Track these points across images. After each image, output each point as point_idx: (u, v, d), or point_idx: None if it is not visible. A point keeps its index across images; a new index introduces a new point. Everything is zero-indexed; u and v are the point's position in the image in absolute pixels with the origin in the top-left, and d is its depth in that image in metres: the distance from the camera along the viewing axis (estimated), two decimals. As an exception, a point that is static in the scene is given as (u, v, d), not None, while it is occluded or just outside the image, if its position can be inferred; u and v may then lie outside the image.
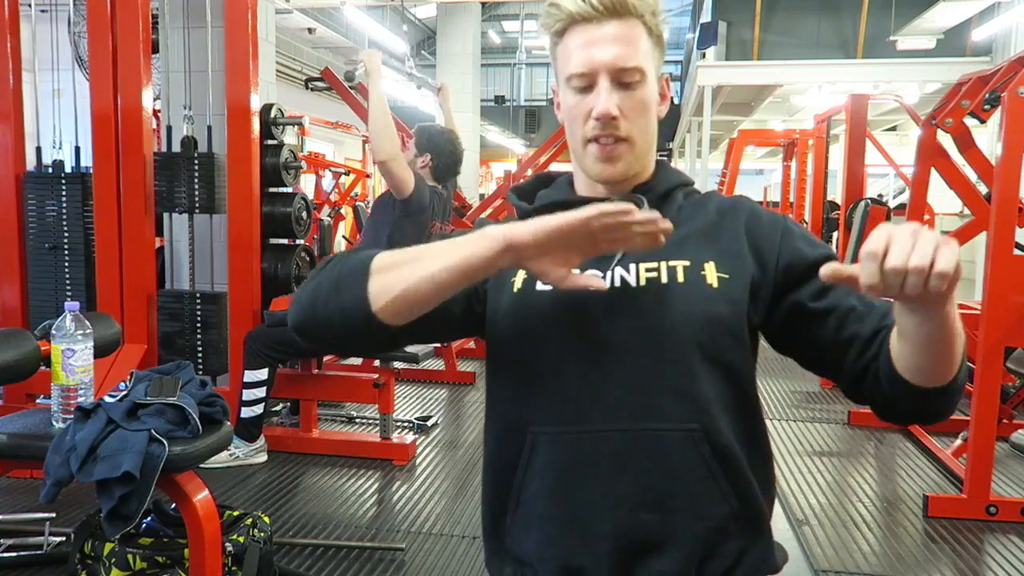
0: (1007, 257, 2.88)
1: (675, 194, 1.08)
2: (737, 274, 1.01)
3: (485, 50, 14.95)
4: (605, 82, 1.00)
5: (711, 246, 1.03)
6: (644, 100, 1.02)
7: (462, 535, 2.75)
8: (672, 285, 0.99)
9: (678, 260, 1.01)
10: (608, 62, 0.99)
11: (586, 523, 0.99)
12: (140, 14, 3.22)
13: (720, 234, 1.04)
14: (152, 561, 2.06)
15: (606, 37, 0.99)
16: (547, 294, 1.02)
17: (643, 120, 1.03)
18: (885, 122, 14.21)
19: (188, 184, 3.49)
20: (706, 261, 1.01)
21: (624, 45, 0.99)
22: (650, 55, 1.02)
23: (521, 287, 1.04)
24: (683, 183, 1.10)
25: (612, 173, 1.04)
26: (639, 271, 1.01)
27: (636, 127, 1.02)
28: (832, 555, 2.68)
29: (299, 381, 3.65)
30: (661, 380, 0.98)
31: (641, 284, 1.00)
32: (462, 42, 12.41)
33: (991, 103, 3.29)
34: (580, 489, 0.99)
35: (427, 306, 0.96)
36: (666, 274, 1.00)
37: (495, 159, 17.39)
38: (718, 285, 1.00)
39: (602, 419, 0.98)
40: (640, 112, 1.02)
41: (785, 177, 8.08)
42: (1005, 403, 3.27)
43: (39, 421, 1.98)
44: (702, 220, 1.06)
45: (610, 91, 1.00)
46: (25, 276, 3.43)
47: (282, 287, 3.63)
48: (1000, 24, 8.72)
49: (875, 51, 10.20)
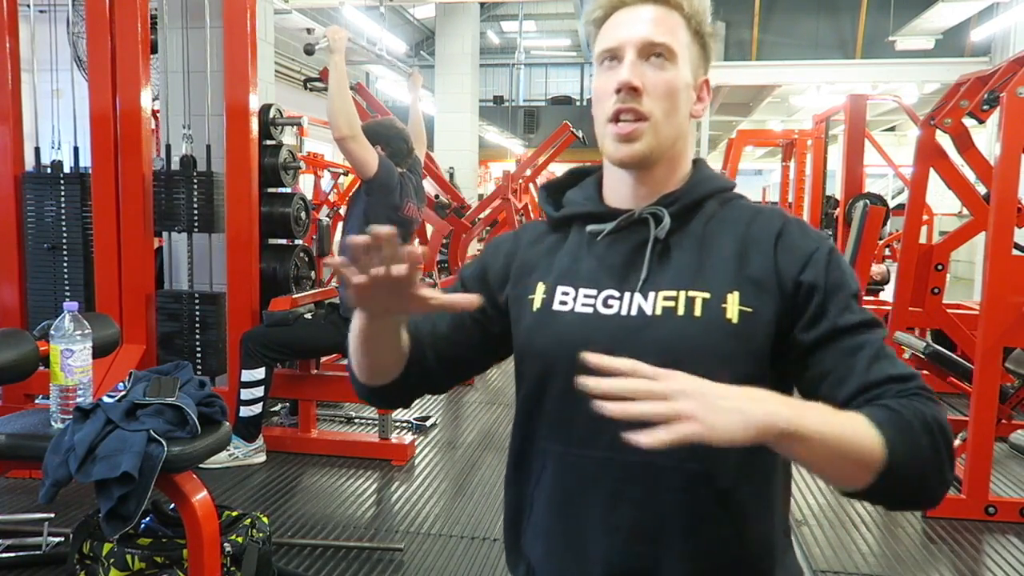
0: (1006, 257, 2.88)
1: (706, 205, 1.02)
2: (761, 307, 0.95)
3: (484, 50, 14.94)
4: (631, 55, 0.97)
5: (738, 271, 0.96)
6: (671, 81, 0.98)
7: (461, 535, 2.75)
8: (688, 318, 0.95)
9: (698, 291, 0.95)
10: (636, 37, 0.97)
11: (582, 545, 1.00)
12: (139, 14, 3.22)
13: (750, 255, 0.97)
14: (151, 561, 2.06)
15: (640, 17, 0.98)
16: (563, 315, 1.01)
17: (668, 103, 0.98)
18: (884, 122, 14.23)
19: (187, 203, 3.50)
20: (729, 291, 0.95)
21: (657, 25, 0.98)
22: (687, 47, 1.00)
23: (540, 306, 1.03)
24: (720, 189, 1.03)
25: (630, 153, 0.98)
26: (657, 300, 0.96)
27: (660, 107, 0.97)
28: (831, 555, 2.68)
29: (298, 381, 3.65)
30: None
31: (657, 314, 0.96)
32: (461, 42, 12.40)
33: (990, 103, 3.29)
34: (579, 510, 0.99)
35: (379, 356, 1.03)
36: (684, 306, 0.95)
37: (494, 159, 17.38)
38: (738, 320, 0.94)
39: (605, 447, 0.96)
40: (665, 93, 0.98)
41: (784, 177, 8.07)
42: (1004, 403, 3.27)
43: (38, 421, 1.98)
44: (732, 237, 0.99)
45: (635, 63, 0.97)
46: (24, 276, 3.43)
47: (281, 287, 3.63)
48: (999, 24, 8.72)
49: (874, 51, 10.21)
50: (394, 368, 1.05)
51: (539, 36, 21.15)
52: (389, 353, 1.03)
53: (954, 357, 3.65)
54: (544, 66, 22.48)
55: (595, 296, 1.00)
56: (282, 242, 3.78)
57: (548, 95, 20.82)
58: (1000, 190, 2.88)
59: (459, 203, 6.94)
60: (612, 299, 0.99)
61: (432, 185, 6.56)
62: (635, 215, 1.01)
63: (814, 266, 0.96)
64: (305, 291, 3.70)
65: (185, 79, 3.74)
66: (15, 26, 3.36)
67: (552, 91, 21.23)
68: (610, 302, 0.99)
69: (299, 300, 3.54)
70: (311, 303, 3.67)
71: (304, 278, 3.80)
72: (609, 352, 0.95)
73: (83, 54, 3.60)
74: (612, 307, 0.99)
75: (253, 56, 3.45)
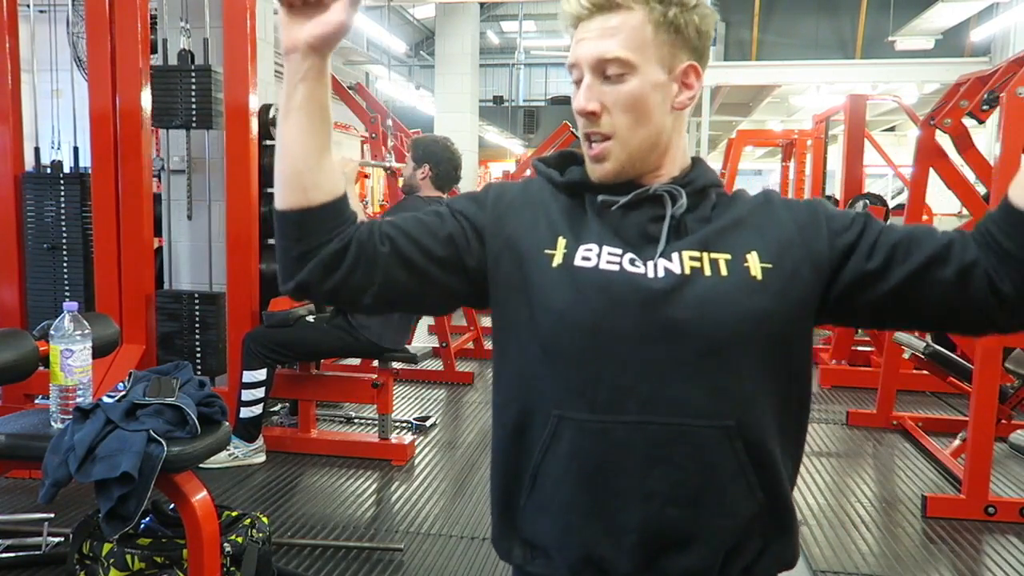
0: (1005, 257, 2.87)
1: (710, 191, 1.04)
2: (783, 262, 0.97)
3: (484, 50, 14.93)
4: (588, 77, 0.97)
5: (752, 236, 0.99)
6: (631, 94, 0.97)
7: (461, 535, 2.75)
8: (715, 278, 0.96)
9: (719, 253, 0.97)
10: (587, 56, 0.97)
11: (611, 514, 0.97)
12: (139, 14, 3.22)
13: (763, 223, 1.01)
14: (150, 561, 2.06)
15: (592, 32, 0.97)
16: (587, 271, 0.98)
17: (631, 115, 0.97)
18: (883, 122, 14.23)
19: (184, 98, 3.45)
20: (748, 252, 0.98)
21: (606, 38, 0.96)
22: (650, 44, 0.97)
23: (561, 261, 0.99)
24: (717, 183, 1.06)
25: (600, 173, 1.00)
26: (683, 259, 0.97)
27: (623, 122, 0.97)
28: (831, 555, 2.68)
29: (298, 381, 3.65)
30: (700, 375, 0.95)
31: (686, 273, 0.96)
32: (461, 42, 12.39)
33: (990, 103, 3.29)
34: (609, 480, 0.96)
35: (307, 160, 0.96)
36: (709, 267, 0.97)
37: (493, 159, 17.39)
38: (762, 277, 0.96)
39: (638, 411, 0.94)
40: (627, 107, 0.97)
41: (784, 177, 8.08)
42: (1004, 403, 3.27)
43: (38, 421, 1.98)
44: (738, 212, 1.02)
45: (591, 86, 0.97)
46: (24, 276, 3.43)
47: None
48: (999, 24, 8.73)
49: (874, 51, 10.22)
50: (308, 173, 0.96)
51: (539, 36, 21.14)
52: (304, 131, 0.95)
53: (954, 357, 3.66)
54: (544, 66, 22.48)
55: (620, 255, 0.98)
56: (282, 242, 3.77)
57: (548, 95, 20.82)
58: (1000, 190, 2.86)
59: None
60: (636, 261, 0.98)
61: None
62: (650, 191, 1.01)
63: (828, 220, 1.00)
64: (305, 291, 3.69)
65: (185, 79, 3.73)
66: (15, 26, 3.36)
67: (552, 91, 21.23)
68: (636, 264, 0.98)
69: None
70: (311, 303, 3.67)
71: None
72: (650, 310, 0.96)
73: (83, 54, 3.60)
74: (639, 267, 0.98)
75: (253, 56, 3.45)
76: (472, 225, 1.03)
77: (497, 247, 1.02)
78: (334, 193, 0.98)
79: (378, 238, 0.99)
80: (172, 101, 3.46)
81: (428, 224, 1.03)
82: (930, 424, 4.07)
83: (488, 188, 1.09)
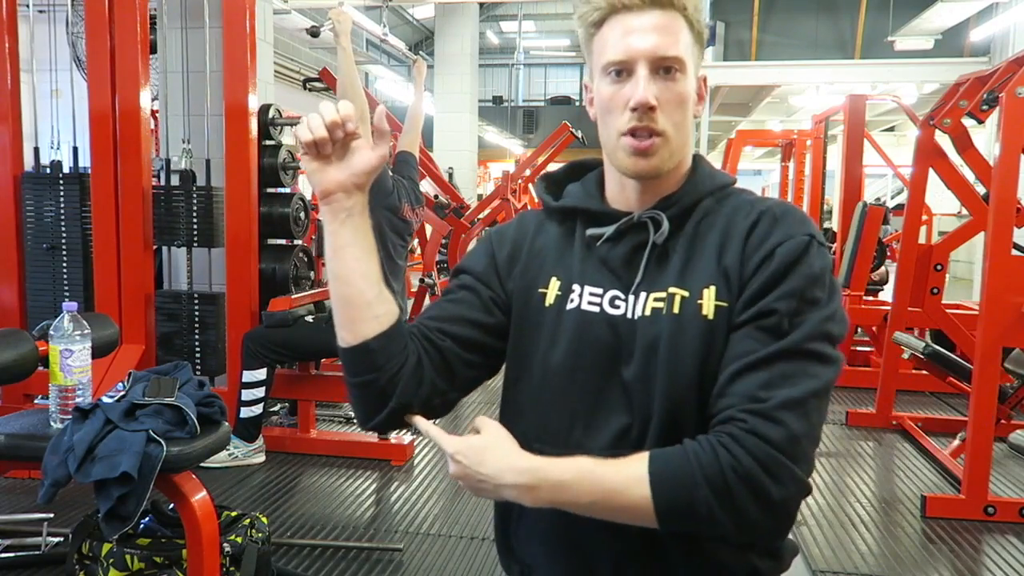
0: (1005, 258, 2.88)
1: (702, 205, 1.02)
2: (733, 300, 0.96)
3: (483, 51, 14.95)
4: (644, 71, 0.96)
5: (717, 266, 0.97)
6: (683, 94, 0.98)
7: (460, 535, 2.75)
8: (668, 316, 0.96)
9: (680, 289, 0.97)
10: (648, 50, 0.96)
11: (585, 549, 1.01)
12: (138, 14, 3.22)
13: (727, 249, 0.97)
14: (150, 561, 2.06)
15: (646, 26, 0.96)
16: (572, 314, 1.01)
17: (679, 114, 0.98)
18: (883, 122, 14.23)
19: (187, 218, 3.50)
20: (706, 286, 0.96)
21: (666, 35, 0.96)
22: (690, 50, 0.98)
23: (553, 302, 1.03)
24: (717, 187, 1.03)
25: (645, 167, 0.99)
26: (647, 301, 0.98)
27: (672, 121, 0.98)
28: (830, 555, 2.68)
29: (297, 382, 3.65)
30: (656, 418, 0.96)
31: (646, 315, 0.98)
32: (460, 43, 12.41)
33: (989, 103, 3.29)
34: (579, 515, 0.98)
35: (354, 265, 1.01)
36: (667, 305, 0.97)
37: (493, 159, 17.39)
38: (714, 316, 0.95)
39: (603, 447, 0.98)
40: (677, 106, 0.98)
41: (783, 178, 8.08)
42: (1003, 403, 3.27)
43: (37, 421, 1.98)
44: (717, 232, 0.99)
45: (649, 80, 0.96)
46: (23, 276, 3.43)
47: (280, 287, 3.63)
48: (998, 24, 8.72)
49: (873, 51, 10.22)
50: (375, 301, 1.00)
51: (538, 36, 21.16)
52: (362, 260, 1.00)
53: (953, 357, 3.66)
54: (543, 66, 22.50)
55: (601, 295, 1.01)
56: (281, 242, 3.78)
57: (547, 95, 20.84)
58: (999, 190, 2.88)
59: (458, 203, 6.93)
60: (618, 300, 1.00)
61: (431, 185, 6.56)
62: (634, 219, 1.02)
63: (772, 258, 0.94)
64: (304, 291, 3.70)
65: (184, 79, 3.74)
66: (14, 26, 3.36)
67: (551, 91, 21.26)
68: (616, 303, 1.00)
69: (298, 300, 3.54)
70: (310, 303, 3.67)
71: (303, 278, 3.80)
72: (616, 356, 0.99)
73: (82, 54, 3.60)
74: (619, 308, 1.00)
75: (252, 56, 3.45)
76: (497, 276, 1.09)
77: (512, 285, 1.08)
78: (396, 312, 1.03)
79: (435, 336, 1.05)
80: (174, 221, 3.52)
81: (465, 301, 1.08)
82: (929, 424, 4.07)
83: (489, 236, 1.14)
